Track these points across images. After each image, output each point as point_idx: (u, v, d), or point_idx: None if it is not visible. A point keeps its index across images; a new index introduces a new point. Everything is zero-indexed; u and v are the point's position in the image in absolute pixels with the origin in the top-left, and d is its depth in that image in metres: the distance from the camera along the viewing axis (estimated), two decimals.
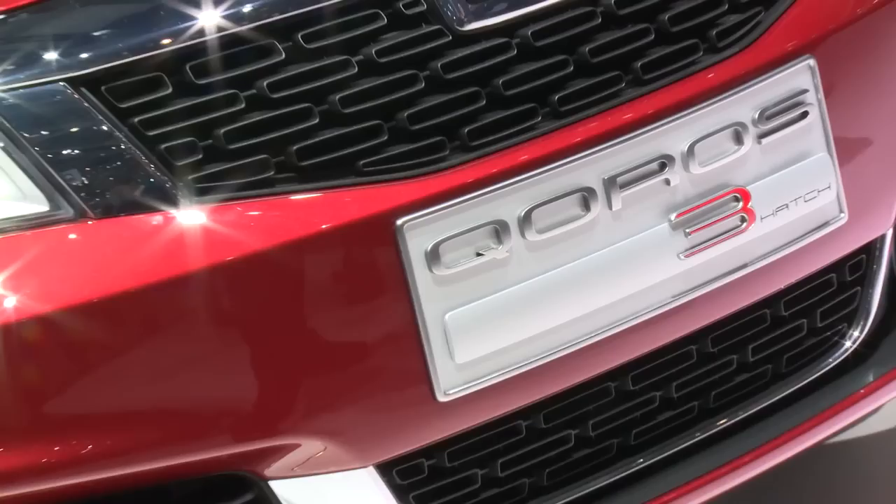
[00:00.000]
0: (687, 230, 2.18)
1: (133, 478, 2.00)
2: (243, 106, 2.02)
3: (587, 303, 2.13)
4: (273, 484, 2.05)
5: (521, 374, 2.10)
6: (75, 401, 1.95)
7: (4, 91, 1.97)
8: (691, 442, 2.27)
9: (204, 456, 2.01)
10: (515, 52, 2.12)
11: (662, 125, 2.17)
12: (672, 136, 2.17)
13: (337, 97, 2.04)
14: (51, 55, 1.99)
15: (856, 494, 2.80)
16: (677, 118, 2.18)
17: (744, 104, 2.22)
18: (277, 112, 2.03)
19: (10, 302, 1.91)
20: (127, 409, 1.97)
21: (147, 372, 1.97)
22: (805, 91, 2.26)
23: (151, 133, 1.99)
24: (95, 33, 2.01)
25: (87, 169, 1.97)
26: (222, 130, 2.00)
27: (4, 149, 1.96)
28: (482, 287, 2.07)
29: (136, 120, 1.98)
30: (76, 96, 1.98)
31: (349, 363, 2.05)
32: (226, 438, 2.01)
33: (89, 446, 1.96)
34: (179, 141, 1.99)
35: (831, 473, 2.80)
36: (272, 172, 2.02)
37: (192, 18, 2.02)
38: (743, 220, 2.21)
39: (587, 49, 2.16)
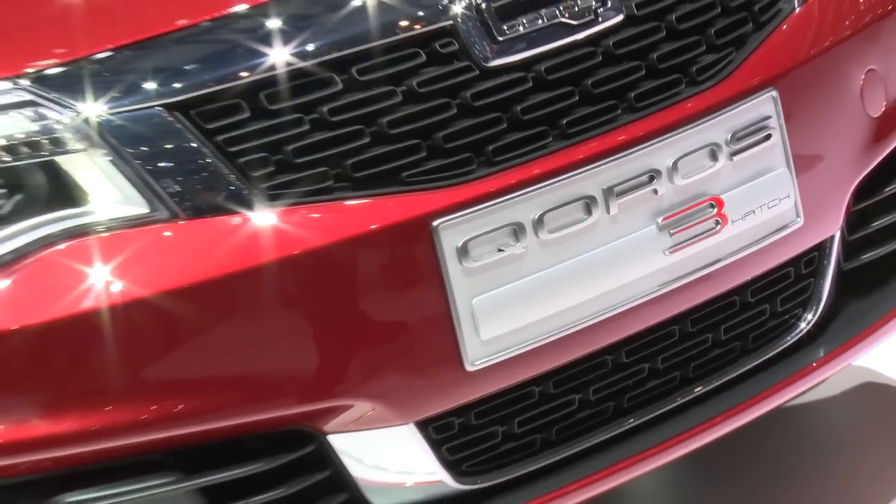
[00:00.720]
0: (671, 231, 2.14)
1: (216, 433, 1.97)
2: (308, 127, 1.99)
3: (589, 290, 2.10)
4: (330, 438, 2.01)
5: (534, 348, 2.06)
6: (170, 368, 1.93)
7: (112, 114, 1.94)
8: (673, 405, 2.24)
9: (274, 414, 1.98)
10: (531, 84, 2.09)
11: (651, 145, 2.14)
12: (659, 154, 2.14)
13: (384, 120, 2.02)
14: (150, 85, 1.96)
15: (803, 449, 2.78)
16: (663, 139, 2.15)
17: (718, 128, 2.19)
18: (335, 132, 2.00)
19: (117, 286, 1.90)
20: (212, 375, 1.95)
21: (229, 345, 1.95)
22: (769, 117, 2.23)
23: (232, 149, 1.96)
24: (186, 67, 1.98)
25: (179, 178, 1.95)
26: (290, 147, 1.98)
27: (112, 162, 1.93)
28: (503, 277, 2.04)
29: (220, 138, 1.96)
30: (170, 119, 1.95)
31: (393, 338, 2.02)
32: (293, 400, 1.98)
33: (181, 406, 1.93)
34: (255, 156, 1.97)
35: (786, 431, 2.74)
36: (331, 182, 1.99)
37: (265, 55, 1.99)
38: (717, 223, 2.18)
39: (589, 82, 2.13)
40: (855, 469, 2.70)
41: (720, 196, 2.18)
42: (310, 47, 2.00)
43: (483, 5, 2.07)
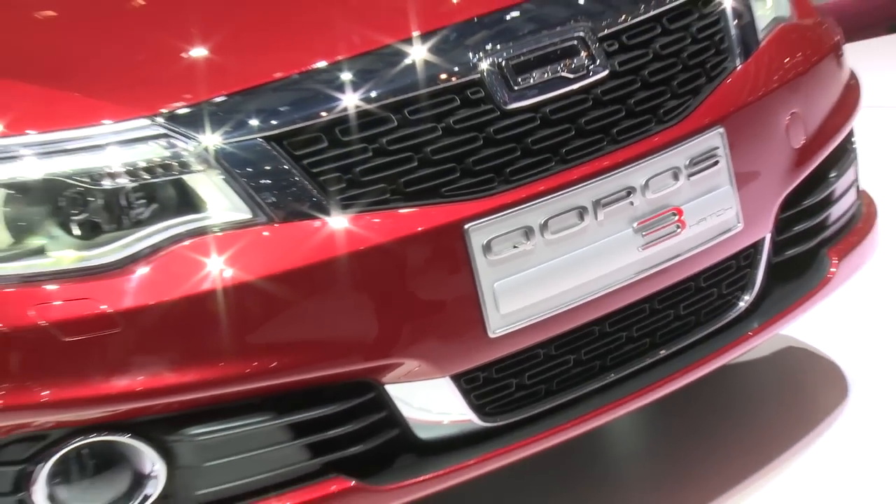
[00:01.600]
0: (643, 233, 2.13)
1: (300, 383, 1.96)
2: (371, 154, 1.98)
3: (581, 277, 2.09)
4: (387, 387, 2.00)
5: (540, 320, 2.06)
6: (267, 334, 1.92)
7: (224, 144, 1.94)
8: (644, 364, 2.22)
9: (345, 369, 1.97)
10: (539, 122, 2.08)
11: (629, 168, 2.12)
12: (634, 175, 2.13)
13: (428, 149, 2.01)
14: (253, 122, 1.95)
15: (736, 398, 2.75)
16: (638, 164, 2.13)
17: (679, 155, 2.17)
18: (391, 158, 1.99)
19: (228, 273, 1.89)
20: (298, 339, 1.94)
21: (312, 317, 1.94)
22: (717, 148, 2.21)
23: (314, 170, 1.96)
24: (280, 108, 1.97)
25: (275, 192, 1.94)
26: (358, 169, 1.97)
27: (224, 180, 1.93)
28: (517, 267, 2.03)
29: (305, 162, 1.95)
30: (268, 147, 1.94)
31: (433, 312, 2.01)
32: (359, 358, 1.97)
33: (274, 362, 1.93)
34: (331, 175, 1.96)
35: (725, 385, 2.73)
36: (388, 195, 1.98)
37: (338, 100, 1.99)
38: (678, 227, 2.16)
39: (582, 120, 2.11)
40: (774, 411, 2.68)
41: (681, 206, 2.16)
42: (372, 94, 1.99)
43: (503, 63, 2.05)
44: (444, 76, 2.04)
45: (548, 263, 2.05)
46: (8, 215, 1.90)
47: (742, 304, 2.33)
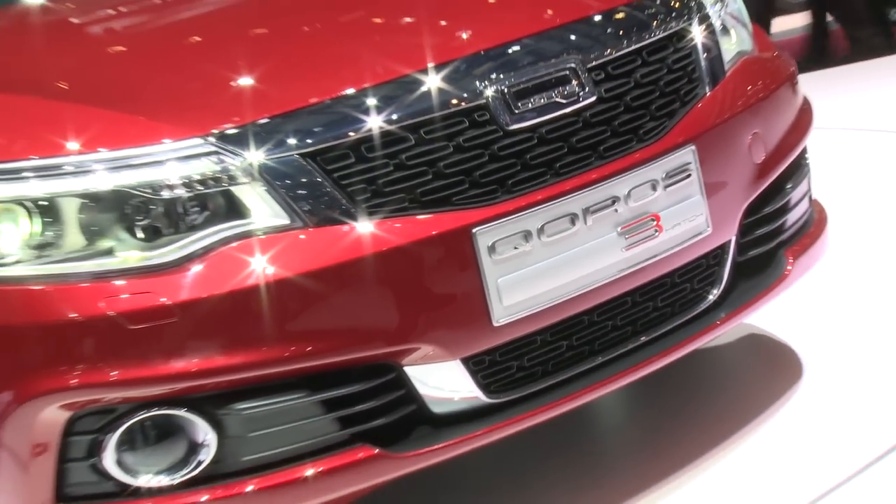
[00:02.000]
0: (626, 236, 2.13)
1: (331, 365, 1.96)
2: (391, 168, 1.98)
3: (573, 274, 2.09)
4: (406, 368, 2.00)
5: (538, 311, 2.05)
6: (303, 323, 1.93)
7: (266, 160, 1.94)
8: (626, 349, 2.22)
9: (369, 353, 1.98)
10: (536, 140, 2.08)
11: (613, 180, 2.12)
12: (618, 186, 2.13)
13: (441, 164, 2.01)
14: (291, 140, 1.96)
15: (704, 379, 2.75)
16: (621, 176, 2.13)
17: (657, 169, 2.17)
18: (410, 172, 1.99)
19: (269, 270, 1.89)
20: (330, 327, 1.94)
21: (341, 308, 1.94)
22: (689, 163, 2.21)
23: (343, 182, 1.96)
24: (315, 129, 1.97)
25: (309, 201, 1.94)
26: (380, 181, 1.97)
27: (266, 190, 1.93)
28: (518, 265, 2.03)
29: (335, 175, 1.95)
30: (304, 163, 1.95)
31: (446, 304, 2.01)
32: (382, 344, 1.97)
33: (309, 347, 1.93)
34: (358, 186, 1.96)
35: (695, 366, 2.73)
36: (406, 203, 1.98)
37: (364, 121, 1.99)
38: (656, 231, 2.16)
39: (574, 139, 2.11)
40: (738, 390, 2.68)
41: (658, 213, 2.16)
42: (393, 116, 2.00)
43: (505, 90, 2.06)
44: (454, 101, 2.04)
45: (544, 262, 2.05)
46: (82, 221, 1.91)
47: (711, 298, 2.32)
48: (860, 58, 6.10)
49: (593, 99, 2.13)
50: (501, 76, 2.07)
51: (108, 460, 1.92)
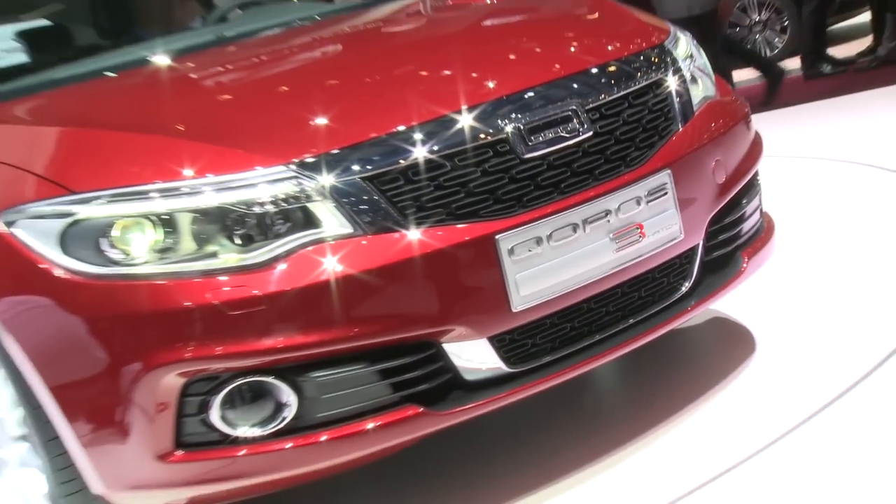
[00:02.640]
0: (617, 241, 2.09)
1: (386, 342, 1.94)
2: (432, 188, 1.96)
3: (574, 271, 2.05)
4: (444, 345, 1.98)
5: (547, 300, 2.03)
6: (366, 309, 1.90)
7: (335, 182, 1.92)
8: (616, 329, 2.18)
9: (416, 333, 1.95)
10: (545, 166, 2.06)
11: (606, 197, 2.09)
12: (610, 201, 2.10)
13: (471, 185, 1.99)
14: (355, 167, 1.94)
15: (677, 353, 2.68)
16: (612, 194, 2.10)
17: (640, 188, 2.14)
18: (447, 191, 1.97)
19: (338, 268, 1.88)
20: (387, 313, 1.92)
21: (395, 298, 1.92)
22: (666, 183, 2.17)
23: (395, 199, 1.94)
24: (373, 157, 1.96)
25: (369, 214, 1.92)
26: (424, 199, 1.96)
27: (335, 206, 1.92)
28: (531, 264, 2.00)
29: (389, 194, 1.94)
30: (364, 184, 1.93)
31: (475, 294, 1.98)
32: (426, 325, 1.95)
33: (370, 328, 1.91)
34: (406, 203, 1.95)
35: (670, 344, 2.68)
36: (444, 216, 1.96)
37: (411, 152, 1.97)
38: (640, 236, 2.13)
39: (575, 165, 2.09)
40: (702, 361, 2.63)
41: (642, 222, 2.12)
42: (434, 148, 1.98)
43: (521, 127, 2.04)
44: (481, 136, 2.02)
45: (552, 261, 2.02)
46: (194, 231, 1.91)
47: (683, 289, 2.28)
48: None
49: (590, 133, 2.11)
50: (518, 116, 2.05)
51: (214, 416, 1.92)
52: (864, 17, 6.72)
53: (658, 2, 5.32)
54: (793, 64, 6.54)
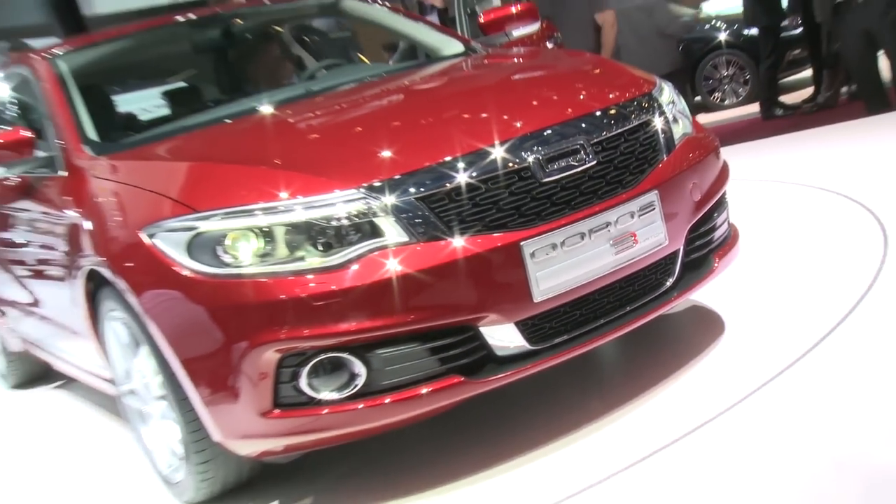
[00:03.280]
0: (615, 246, 2.05)
1: (434, 326, 1.90)
2: (470, 205, 1.93)
3: (582, 270, 2.01)
4: (480, 328, 1.94)
5: (560, 293, 1.98)
6: (421, 299, 1.86)
7: (395, 202, 1.90)
8: (615, 315, 2.12)
9: (459, 318, 1.91)
10: (559, 188, 2.02)
11: (607, 212, 2.04)
12: (611, 215, 2.05)
13: (501, 203, 1.96)
14: (411, 189, 1.92)
15: (658, 339, 2.56)
16: (612, 209, 2.05)
17: (633, 205, 2.09)
18: (481, 208, 1.94)
19: (398, 268, 1.86)
20: (435, 303, 1.88)
21: (442, 292, 1.88)
22: (654, 201, 2.12)
23: (442, 215, 1.92)
24: (425, 182, 1.93)
25: (422, 226, 1.90)
26: (464, 213, 1.93)
27: (395, 220, 1.89)
28: (548, 265, 1.96)
29: (437, 210, 1.92)
30: (418, 203, 1.91)
31: (505, 289, 1.94)
32: (467, 312, 1.91)
33: (423, 314, 1.86)
34: (451, 217, 1.92)
35: (656, 329, 2.59)
36: (480, 227, 1.93)
37: (454, 177, 1.94)
38: (634, 243, 2.07)
39: (582, 187, 2.05)
40: (678, 342, 2.52)
41: (635, 232, 2.08)
42: (472, 174, 1.95)
43: (540, 158, 2.00)
44: (509, 164, 1.99)
45: (564, 262, 1.98)
46: (287, 240, 1.90)
47: (668, 283, 2.22)
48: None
49: (594, 162, 2.07)
50: (539, 149, 2.03)
51: (303, 383, 1.91)
52: (807, 72, 6.56)
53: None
54: (752, 108, 6.42)
